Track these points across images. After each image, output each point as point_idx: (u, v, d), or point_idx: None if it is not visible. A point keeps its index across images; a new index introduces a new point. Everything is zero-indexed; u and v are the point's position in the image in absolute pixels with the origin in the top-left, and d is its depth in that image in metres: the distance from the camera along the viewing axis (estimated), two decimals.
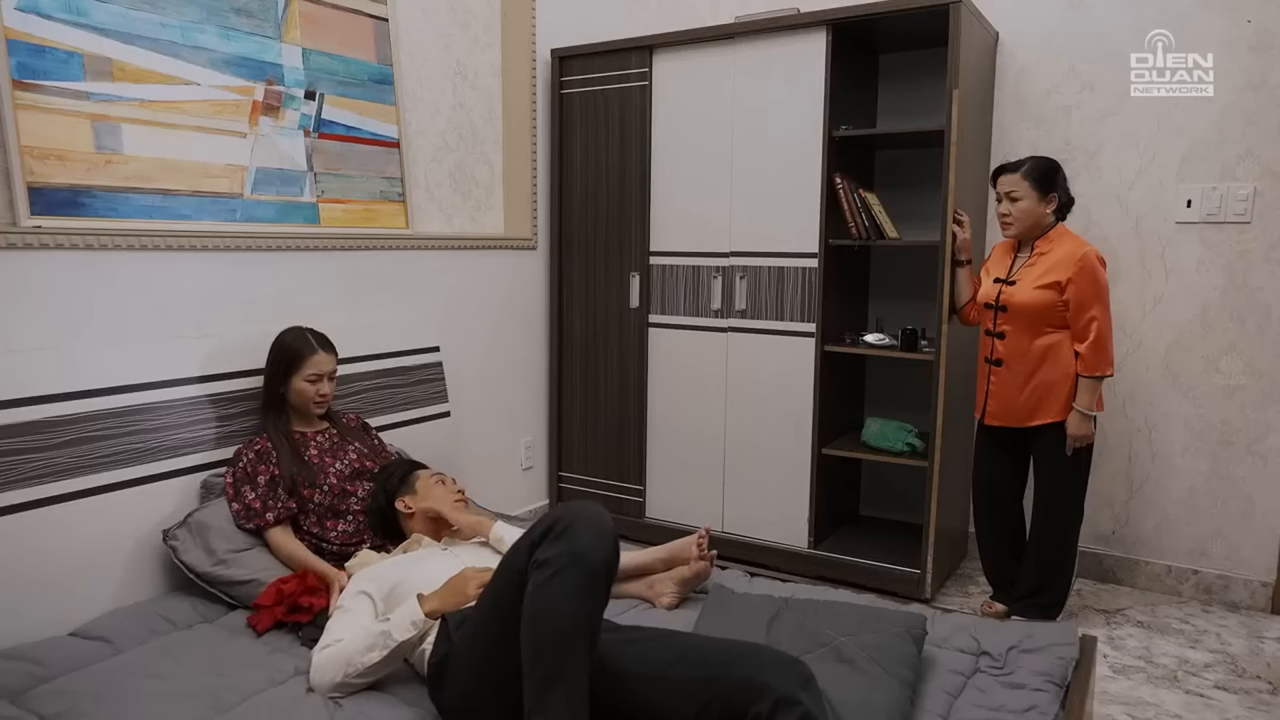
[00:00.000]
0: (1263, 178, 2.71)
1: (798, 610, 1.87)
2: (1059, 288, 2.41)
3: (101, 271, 2.07)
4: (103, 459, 1.97)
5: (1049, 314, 2.44)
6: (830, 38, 2.81)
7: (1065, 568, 2.57)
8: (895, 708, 1.52)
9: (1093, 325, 2.40)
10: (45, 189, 1.96)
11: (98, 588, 1.95)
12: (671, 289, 3.23)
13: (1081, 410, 2.43)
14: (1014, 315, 2.49)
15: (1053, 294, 2.42)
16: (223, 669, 1.70)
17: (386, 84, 2.76)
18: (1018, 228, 2.51)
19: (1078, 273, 2.39)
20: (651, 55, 3.18)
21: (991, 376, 2.57)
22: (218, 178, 2.31)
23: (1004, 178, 2.52)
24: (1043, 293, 2.43)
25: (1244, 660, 2.48)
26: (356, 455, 2.29)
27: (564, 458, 3.57)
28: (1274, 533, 2.79)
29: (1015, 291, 2.49)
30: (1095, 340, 2.40)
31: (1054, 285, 2.42)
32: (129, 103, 2.11)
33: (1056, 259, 2.44)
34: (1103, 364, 2.41)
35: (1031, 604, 2.57)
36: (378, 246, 2.78)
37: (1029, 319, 2.47)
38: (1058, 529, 2.55)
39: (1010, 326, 2.51)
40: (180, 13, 2.20)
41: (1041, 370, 2.47)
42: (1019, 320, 2.49)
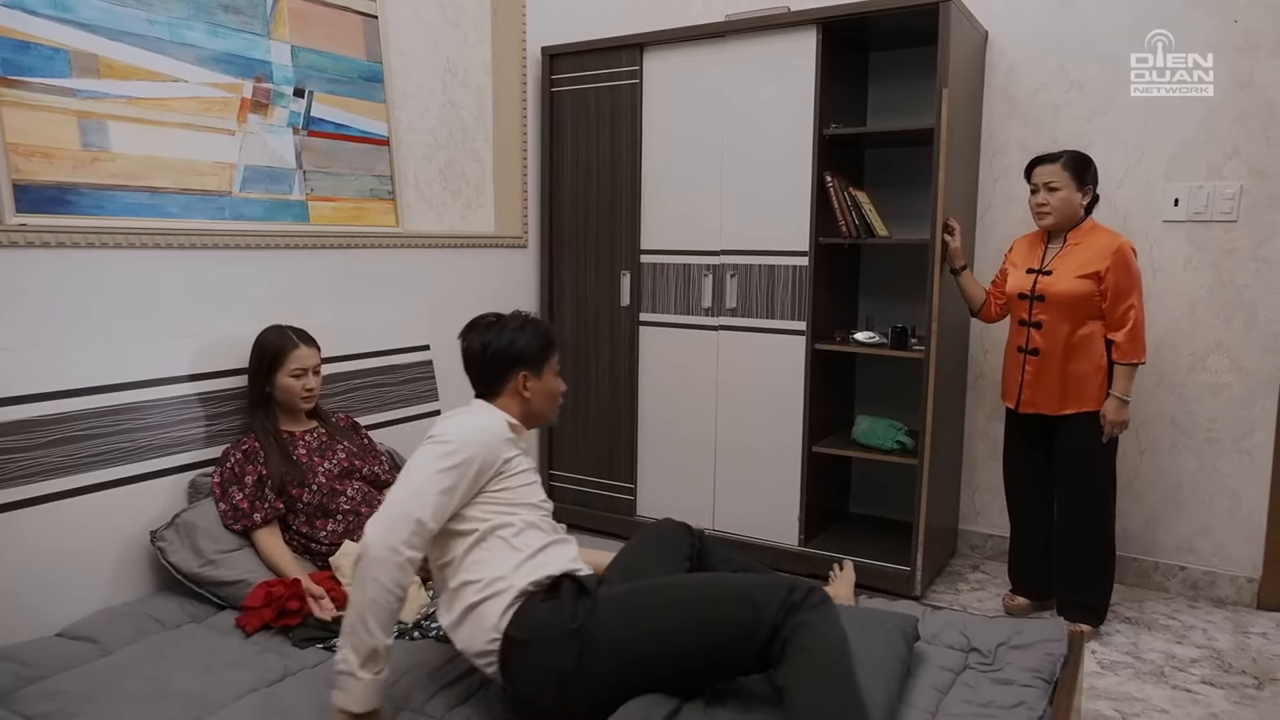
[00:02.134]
0: (1249, 177, 2.73)
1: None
2: (1098, 278, 2.43)
3: (88, 270, 2.06)
4: (90, 458, 1.96)
5: (1087, 304, 2.46)
6: (820, 36, 2.81)
7: (1108, 567, 2.58)
8: (883, 700, 1.53)
9: (1130, 313, 2.43)
10: (31, 186, 1.94)
11: (86, 588, 1.94)
12: (662, 287, 3.23)
13: (1119, 396, 2.45)
14: (1052, 305, 2.50)
15: (1091, 284, 2.44)
16: (212, 669, 1.70)
17: (376, 81, 2.75)
18: (1056, 217, 2.52)
19: (1115, 263, 2.41)
20: (642, 53, 3.17)
21: (1027, 365, 2.58)
22: (206, 175, 2.30)
23: (1042, 168, 2.53)
24: (1083, 283, 2.45)
25: (1230, 655, 2.50)
26: (346, 454, 2.28)
27: (555, 456, 3.57)
28: (1259, 529, 2.81)
29: (1053, 281, 2.50)
30: (1133, 328, 2.43)
31: (1093, 275, 2.44)
32: (116, 100, 2.09)
33: (1094, 250, 2.46)
34: (1139, 351, 2.45)
35: (1075, 605, 2.58)
36: (368, 245, 2.77)
37: (1068, 308, 2.48)
38: (1095, 526, 2.54)
39: (1047, 316, 2.52)
40: (167, 9, 2.18)
41: (1076, 359, 2.49)
42: (1057, 310, 2.50)
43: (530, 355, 1.76)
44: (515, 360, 1.75)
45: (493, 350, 1.75)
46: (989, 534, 3.23)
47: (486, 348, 1.75)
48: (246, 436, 2.18)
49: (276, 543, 2.08)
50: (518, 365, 1.75)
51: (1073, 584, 2.59)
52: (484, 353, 1.75)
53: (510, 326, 1.77)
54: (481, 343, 1.76)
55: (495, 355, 1.75)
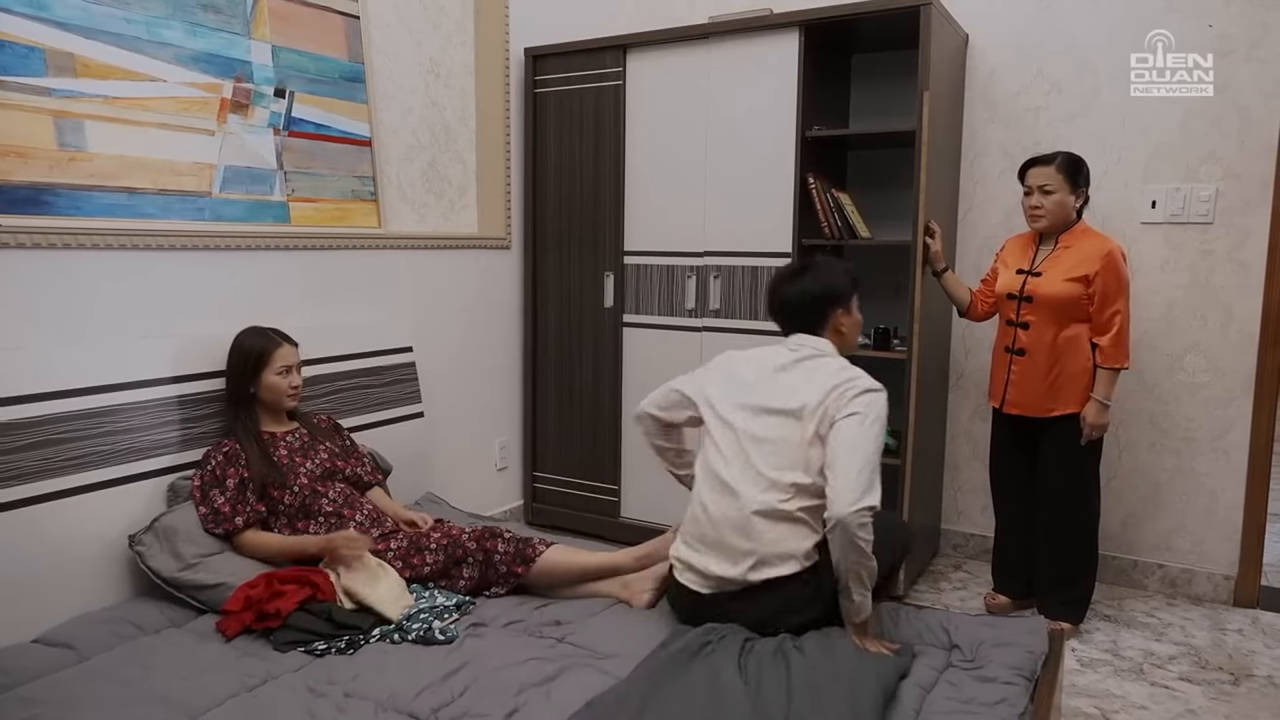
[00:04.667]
0: (1225, 179, 2.77)
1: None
2: (1086, 281, 2.44)
3: (65, 271, 2.03)
4: (68, 461, 1.94)
5: (1074, 306, 2.47)
6: (803, 38, 2.83)
7: (1091, 565, 2.61)
8: (868, 696, 1.54)
9: (1116, 318, 2.44)
10: (6, 187, 1.92)
11: (63, 593, 1.91)
12: (646, 289, 3.23)
13: (1100, 400, 2.47)
14: (1040, 306, 2.51)
15: (1080, 287, 2.45)
16: (192, 674, 1.68)
17: (358, 82, 2.74)
18: (1049, 219, 2.52)
19: (1105, 267, 2.43)
20: (626, 55, 3.17)
21: (1013, 365, 2.59)
22: (185, 176, 2.27)
23: (1036, 170, 2.53)
24: (1072, 285, 2.46)
25: (1207, 652, 2.53)
26: (328, 455, 2.27)
27: (539, 458, 3.56)
28: (1236, 527, 2.85)
29: (1042, 283, 2.51)
30: (1118, 333, 2.44)
31: (1082, 279, 2.45)
32: (93, 99, 2.07)
33: (1084, 254, 2.47)
34: (1122, 356, 2.46)
35: (1057, 603, 2.59)
36: (349, 246, 2.75)
37: (1055, 310, 2.49)
38: (1078, 526, 2.57)
39: (1035, 317, 2.53)
40: (145, 8, 2.16)
41: (1062, 361, 2.50)
42: (1045, 311, 2.51)
43: (844, 293, 1.96)
44: (834, 300, 1.95)
45: (811, 294, 1.95)
46: (971, 533, 3.26)
47: (805, 294, 1.95)
48: (227, 439, 2.16)
49: (265, 535, 2.09)
50: (835, 304, 1.95)
51: (1055, 583, 2.61)
52: (803, 299, 1.95)
53: (823, 271, 1.97)
54: (800, 290, 1.95)
55: (814, 298, 1.94)
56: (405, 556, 2.11)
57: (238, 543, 2.07)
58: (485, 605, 2.05)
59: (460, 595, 2.07)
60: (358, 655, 1.80)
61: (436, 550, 2.11)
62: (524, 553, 2.09)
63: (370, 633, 1.87)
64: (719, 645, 1.71)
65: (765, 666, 1.63)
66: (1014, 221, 3.03)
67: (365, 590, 1.94)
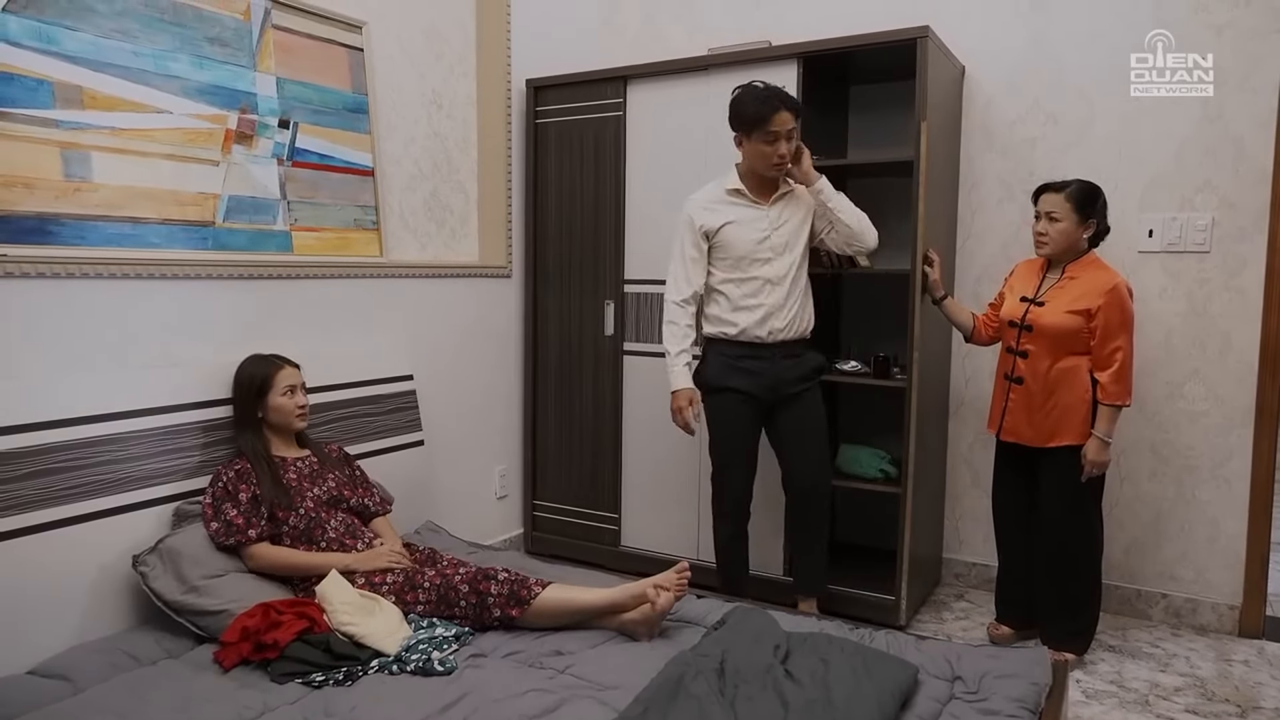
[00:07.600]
0: (1220, 208, 2.79)
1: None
2: (1088, 315, 2.43)
3: (69, 300, 2.04)
4: (69, 490, 1.93)
5: (1074, 339, 2.46)
6: (801, 70, 2.86)
7: (1094, 595, 2.58)
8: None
9: (1117, 355, 2.41)
10: (11, 217, 1.93)
11: (60, 623, 1.90)
12: (646, 317, 3.24)
13: (1101, 437, 2.44)
14: (1039, 335, 2.50)
15: (1081, 320, 2.44)
16: (187, 706, 1.67)
17: (361, 113, 2.77)
18: (1052, 248, 2.51)
19: (1108, 302, 2.40)
20: (626, 86, 3.21)
21: (1010, 393, 2.58)
22: (189, 206, 2.29)
23: (1047, 196, 2.52)
24: (1072, 318, 2.44)
25: (1213, 683, 2.51)
26: (335, 483, 2.29)
27: (539, 487, 3.55)
28: (1239, 556, 2.83)
29: (1043, 313, 2.50)
30: (1119, 369, 2.41)
31: (1084, 312, 2.43)
32: (99, 130, 2.09)
33: (1088, 286, 2.45)
34: (1124, 393, 2.43)
35: (1061, 633, 2.57)
36: (351, 274, 2.77)
37: (1054, 341, 2.48)
38: (1080, 556, 2.54)
39: (1034, 346, 2.52)
40: (153, 41, 2.19)
41: (1060, 392, 2.48)
42: (1043, 341, 2.50)
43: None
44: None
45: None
46: (973, 562, 3.24)
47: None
48: (238, 458, 2.18)
49: (278, 549, 2.11)
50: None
51: (1058, 613, 2.59)
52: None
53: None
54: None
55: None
56: (399, 592, 2.10)
57: (250, 554, 2.08)
58: (485, 636, 2.03)
59: (459, 626, 2.05)
60: (356, 687, 1.78)
61: (430, 589, 2.10)
62: (518, 594, 2.05)
63: (368, 664, 1.85)
64: (694, 681, 1.67)
65: (757, 700, 1.62)
66: (1012, 250, 3.05)
67: (358, 628, 1.92)
